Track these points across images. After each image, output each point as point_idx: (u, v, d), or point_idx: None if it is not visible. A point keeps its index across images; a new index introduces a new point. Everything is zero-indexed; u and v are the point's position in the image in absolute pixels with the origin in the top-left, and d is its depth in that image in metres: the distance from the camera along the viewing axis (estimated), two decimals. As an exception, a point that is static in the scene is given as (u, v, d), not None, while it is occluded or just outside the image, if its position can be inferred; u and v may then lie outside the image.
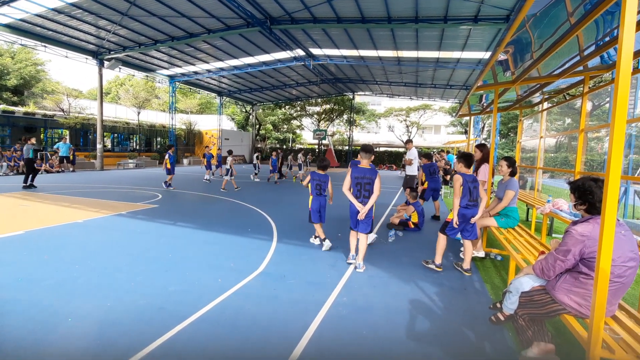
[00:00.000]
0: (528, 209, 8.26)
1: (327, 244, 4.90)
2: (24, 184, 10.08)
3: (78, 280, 3.52)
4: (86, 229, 5.60)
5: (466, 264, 4.15)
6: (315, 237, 5.24)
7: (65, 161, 16.20)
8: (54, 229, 5.50)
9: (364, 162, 4.16)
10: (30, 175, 10.18)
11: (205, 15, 13.54)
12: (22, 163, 14.46)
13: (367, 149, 4.19)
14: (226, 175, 11.35)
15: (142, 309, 2.95)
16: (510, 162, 4.45)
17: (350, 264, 4.31)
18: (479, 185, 4.09)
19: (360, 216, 4.03)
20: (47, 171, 15.29)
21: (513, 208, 4.46)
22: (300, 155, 16.94)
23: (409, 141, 8.30)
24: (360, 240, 4.20)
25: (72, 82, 57.95)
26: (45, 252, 4.36)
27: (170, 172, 11.25)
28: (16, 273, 3.66)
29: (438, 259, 4.20)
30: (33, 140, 10.68)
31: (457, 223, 3.96)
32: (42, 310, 2.89)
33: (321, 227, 5.03)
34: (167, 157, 11.27)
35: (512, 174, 4.43)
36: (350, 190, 4.14)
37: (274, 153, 14.86)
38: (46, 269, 3.80)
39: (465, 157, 4.11)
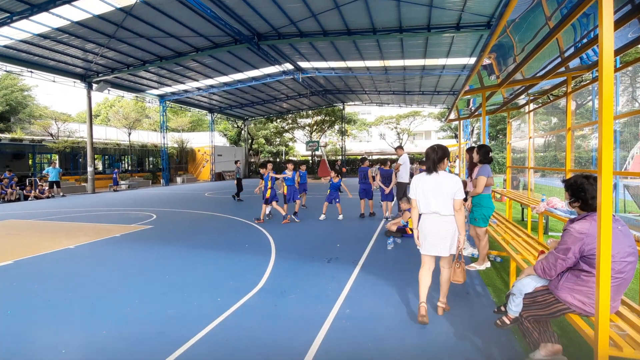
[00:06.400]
0: (523, 209, 8.33)
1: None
2: (238, 199, 12.69)
3: (71, 309, 3.41)
4: (78, 255, 5.47)
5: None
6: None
7: (55, 186, 15.94)
8: (44, 257, 5.35)
9: (365, 164, 8.51)
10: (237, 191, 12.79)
11: (192, 35, 13.67)
12: (9, 191, 14.18)
13: (364, 159, 8.87)
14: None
15: (140, 335, 2.86)
16: (483, 150, 4.33)
17: (362, 216, 8.39)
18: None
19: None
20: (37, 197, 15.00)
21: (483, 195, 4.27)
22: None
23: (400, 147, 8.43)
24: (369, 202, 8.48)
25: (60, 105, 57.62)
26: (35, 282, 4.23)
27: (267, 201, 7.81)
28: (5, 306, 3.53)
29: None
30: (239, 164, 13.30)
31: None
32: (34, 343, 2.78)
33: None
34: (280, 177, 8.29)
35: (485, 162, 4.37)
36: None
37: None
38: (37, 300, 3.67)
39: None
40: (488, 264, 4.53)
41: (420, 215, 3.09)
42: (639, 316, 2.13)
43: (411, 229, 6.33)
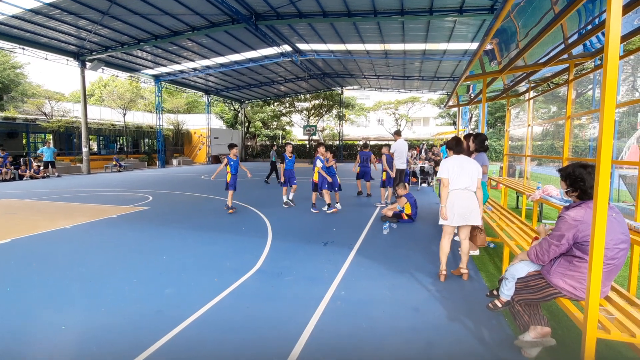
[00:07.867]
0: (518, 196, 8.42)
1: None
2: (278, 181, 12.38)
3: (70, 287, 3.45)
4: (75, 235, 5.48)
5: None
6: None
7: (50, 166, 15.78)
8: (41, 236, 5.36)
9: (366, 149, 9.26)
10: (275, 174, 12.99)
11: (189, 13, 13.25)
12: (4, 170, 14.02)
13: (366, 145, 9.42)
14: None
15: (139, 313, 2.90)
16: (479, 139, 4.41)
17: (360, 194, 9.59)
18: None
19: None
20: (32, 177, 14.87)
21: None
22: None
23: (396, 132, 8.41)
24: (367, 184, 9.35)
25: (53, 84, 56.35)
26: (33, 260, 4.25)
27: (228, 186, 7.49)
28: (4, 283, 3.56)
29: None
30: (275, 147, 13.44)
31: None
32: (34, 319, 2.82)
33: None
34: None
35: (481, 150, 4.41)
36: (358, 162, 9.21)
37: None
38: (36, 278, 3.70)
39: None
40: (477, 252, 4.63)
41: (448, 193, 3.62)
42: (627, 301, 2.19)
43: (407, 215, 6.43)
